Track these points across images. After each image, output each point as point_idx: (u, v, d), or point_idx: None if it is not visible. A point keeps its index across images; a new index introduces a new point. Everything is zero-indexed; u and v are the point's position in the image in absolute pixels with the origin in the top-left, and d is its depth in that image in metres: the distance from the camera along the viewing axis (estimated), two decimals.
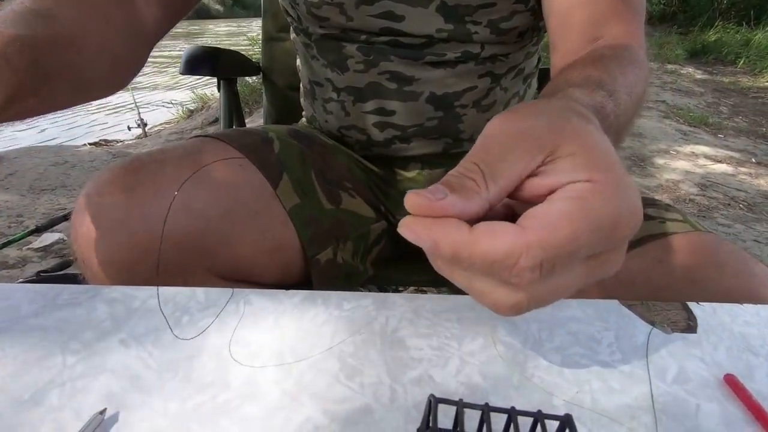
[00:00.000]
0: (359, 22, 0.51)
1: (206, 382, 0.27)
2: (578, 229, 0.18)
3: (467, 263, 0.19)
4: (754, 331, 0.31)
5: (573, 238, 0.18)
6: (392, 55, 0.52)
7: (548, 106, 0.22)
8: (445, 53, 0.52)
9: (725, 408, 0.26)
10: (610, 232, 0.18)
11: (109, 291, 0.34)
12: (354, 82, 0.55)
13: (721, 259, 0.41)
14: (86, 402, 0.26)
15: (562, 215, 0.18)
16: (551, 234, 0.18)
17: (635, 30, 0.46)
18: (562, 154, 0.19)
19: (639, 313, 0.33)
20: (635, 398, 0.26)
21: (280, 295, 0.34)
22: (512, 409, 0.20)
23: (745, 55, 4.34)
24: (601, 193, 0.18)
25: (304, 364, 0.28)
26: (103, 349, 0.29)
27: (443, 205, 0.18)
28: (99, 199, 0.41)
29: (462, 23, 0.50)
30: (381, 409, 0.26)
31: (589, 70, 0.35)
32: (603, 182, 0.18)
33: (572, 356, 0.29)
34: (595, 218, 0.18)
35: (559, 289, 0.19)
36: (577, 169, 0.19)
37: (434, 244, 0.19)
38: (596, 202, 0.18)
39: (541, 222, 0.18)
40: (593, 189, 0.18)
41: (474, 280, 0.20)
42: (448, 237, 0.18)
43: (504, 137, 0.20)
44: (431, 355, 0.29)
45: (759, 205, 1.86)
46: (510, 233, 0.18)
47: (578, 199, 0.18)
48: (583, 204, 0.18)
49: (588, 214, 0.18)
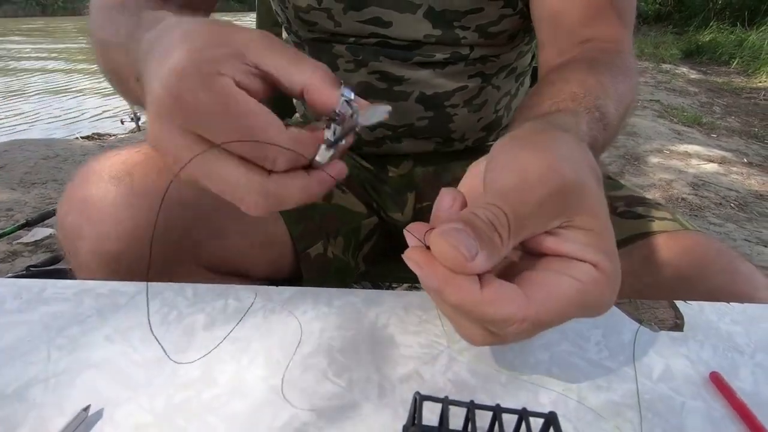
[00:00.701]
0: (347, 27, 0.51)
1: (193, 378, 0.27)
2: (570, 313, 0.21)
3: (464, 312, 0.21)
4: (740, 330, 0.32)
5: (562, 318, 0.21)
6: (381, 56, 0.52)
7: (571, 154, 0.24)
8: (434, 54, 0.52)
9: (710, 406, 0.26)
10: (587, 315, 0.22)
11: (96, 286, 0.34)
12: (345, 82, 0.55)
13: (709, 258, 0.41)
14: (70, 398, 0.25)
15: (563, 297, 0.21)
16: (548, 312, 0.20)
17: (624, 34, 0.46)
18: (579, 224, 0.21)
19: (626, 311, 0.33)
20: (621, 396, 0.27)
21: (269, 291, 0.34)
22: (497, 406, 0.20)
23: (739, 56, 4.37)
24: (600, 285, 0.21)
25: (292, 361, 0.28)
26: (89, 345, 0.29)
27: (473, 267, 0.20)
28: (85, 189, 0.40)
29: (450, 28, 0.50)
30: (369, 405, 0.26)
31: (586, 82, 0.36)
32: (605, 273, 0.21)
33: (560, 354, 0.29)
34: (585, 307, 0.21)
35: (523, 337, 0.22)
36: (589, 247, 0.21)
37: (440, 290, 0.20)
38: (593, 293, 0.21)
39: (546, 299, 0.20)
40: (596, 280, 0.21)
41: (461, 318, 0.23)
42: (458, 291, 0.20)
43: (538, 191, 0.21)
44: (420, 352, 0.29)
45: (750, 204, 1.87)
46: (515, 304, 0.20)
47: (581, 284, 0.21)
48: (583, 293, 0.21)
49: (582, 303, 0.21)
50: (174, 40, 0.24)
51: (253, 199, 0.24)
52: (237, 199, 0.24)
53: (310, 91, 0.25)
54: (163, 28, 0.27)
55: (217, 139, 0.23)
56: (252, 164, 0.24)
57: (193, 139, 0.24)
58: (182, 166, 0.24)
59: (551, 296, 0.20)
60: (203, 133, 0.23)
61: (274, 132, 0.24)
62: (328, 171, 0.26)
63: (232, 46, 0.24)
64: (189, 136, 0.24)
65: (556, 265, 0.21)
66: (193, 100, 0.23)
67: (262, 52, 0.25)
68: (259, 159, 0.24)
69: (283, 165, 0.24)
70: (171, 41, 0.25)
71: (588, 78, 0.37)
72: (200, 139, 0.23)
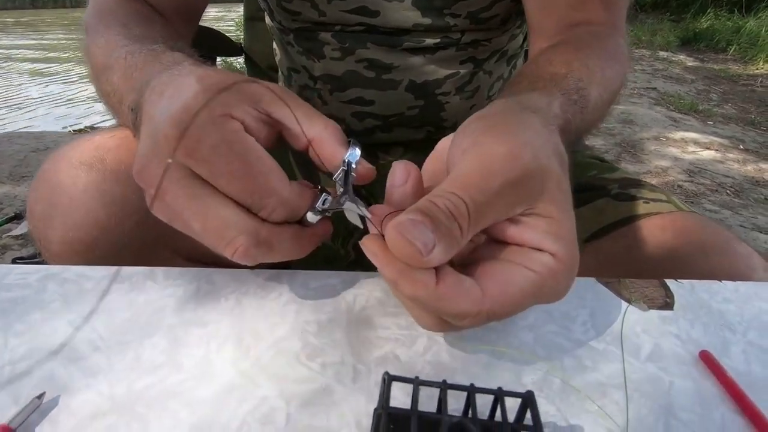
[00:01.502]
0: (332, 16, 0.49)
1: (157, 364, 0.25)
2: (525, 304, 0.21)
3: (420, 303, 0.21)
4: (732, 308, 0.30)
5: (516, 309, 0.21)
6: (369, 42, 0.50)
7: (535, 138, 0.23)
8: (424, 40, 0.50)
9: (699, 385, 0.25)
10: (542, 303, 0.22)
11: (61, 271, 0.32)
12: (330, 70, 0.53)
13: (705, 239, 0.40)
14: (26, 386, 0.24)
15: (518, 290, 0.20)
16: (503, 305, 0.20)
17: (616, 18, 0.45)
18: (540, 212, 0.21)
19: (615, 290, 0.32)
20: (607, 376, 0.25)
21: (244, 274, 0.33)
22: (471, 386, 0.19)
23: (737, 43, 4.34)
24: (556, 276, 0.21)
25: (263, 345, 0.27)
26: (50, 331, 0.27)
27: (429, 261, 0.19)
28: (55, 176, 0.38)
29: (440, 16, 0.48)
30: (342, 389, 0.24)
31: (570, 64, 0.36)
32: (562, 262, 0.21)
33: (545, 334, 0.28)
34: (541, 297, 0.21)
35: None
36: (548, 236, 0.21)
37: (395, 282, 0.20)
38: (549, 284, 0.21)
39: (501, 294, 0.20)
40: (552, 271, 0.21)
41: (416, 308, 0.23)
42: (412, 284, 0.20)
43: (499, 179, 0.21)
44: (398, 334, 0.28)
45: (746, 191, 1.87)
46: (470, 299, 0.20)
47: (537, 276, 0.21)
48: (539, 285, 0.21)
49: (537, 294, 0.21)
50: (189, 81, 0.24)
51: (244, 241, 0.23)
52: (226, 239, 0.23)
53: (318, 144, 0.26)
54: (178, 72, 0.27)
55: (216, 178, 0.23)
56: (247, 209, 0.24)
57: (187, 174, 0.23)
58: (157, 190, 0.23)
59: (507, 291, 0.20)
60: (203, 171, 0.23)
61: (277, 181, 0.24)
62: (318, 228, 0.27)
63: (247, 93, 0.25)
64: (182, 170, 0.23)
65: (515, 256, 0.21)
66: (200, 136, 0.22)
67: (276, 101, 0.25)
68: (257, 206, 0.24)
69: (280, 216, 0.24)
70: (186, 82, 0.25)
71: (573, 60, 0.36)
72: (193, 175, 0.23)
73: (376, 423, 0.18)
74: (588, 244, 0.44)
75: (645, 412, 0.24)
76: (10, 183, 1.87)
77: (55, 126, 2.89)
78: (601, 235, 0.44)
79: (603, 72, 0.37)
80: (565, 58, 0.36)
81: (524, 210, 0.21)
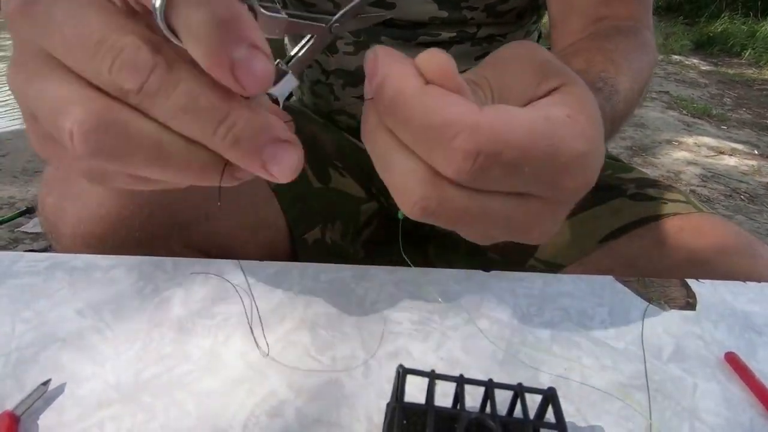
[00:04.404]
0: None
1: (164, 354, 0.25)
2: (535, 141, 0.15)
3: (401, 118, 0.16)
4: (757, 309, 0.29)
5: (525, 146, 0.15)
6: (384, 36, 0.50)
7: None
8: (440, 33, 0.49)
9: (725, 387, 0.24)
10: (561, 171, 0.16)
11: (70, 259, 0.32)
12: (343, 65, 0.53)
13: (725, 240, 0.39)
14: (32, 373, 0.24)
15: (526, 119, 0.15)
16: (505, 127, 0.15)
17: (642, 11, 0.44)
18: (561, 90, 0.17)
19: (635, 289, 0.31)
20: (628, 376, 0.24)
21: (254, 266, 0.32)
22: (489, 381, 0.18)
23: (751, 47, 4.27)
24: (574, 128, 0.16)
25: (272, 337, 0.26)
26: (57, 319, 0.27)
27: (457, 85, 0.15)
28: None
29: (457, 9, 0.48)
30: (352, 384, 0.24)
31: (594, 58, 0.33)
32: (582, 123, 0.16)
33: (562, 332, 0.27)
34: (556, 143, 0.15)
35: (476, 212, 0.16)
36: (561, 103, 0.17)
37: (382, 79, 0.16)
38: (565, 132, 0.16)
39: (502, 113, 0.15)
40: (566, 122, 0.16)
41: (395, 149, 0.17)
42: (400, 78, 0.16)
43: (518, 62, 0.18)
44: (411, 329, 0.27)
45: (760, 196, 1.83)
46: (463, 104, 0.15)
47: (548, 119, 0.16)
48: (551, 125, 0.16)
49: (551, 136, 0.15)
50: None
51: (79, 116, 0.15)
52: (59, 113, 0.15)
53: None
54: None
55: None
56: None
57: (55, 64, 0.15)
58: None
59: (510, 114, 0.16)
60: None
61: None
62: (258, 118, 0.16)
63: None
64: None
65: None
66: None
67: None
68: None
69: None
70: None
71: (595, 56, 0.35)
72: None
73: (390, 417, 0.17)
74: (604, 244, 0.43)
75: (669, 414, 0.23)
76: (23, 177, 1.89)
77: None
78: (618, 235, 0.43)
79: (630, 64, 0.36)
80: (587, 56, 0.35)
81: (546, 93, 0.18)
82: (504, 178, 0.16)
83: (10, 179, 1.86)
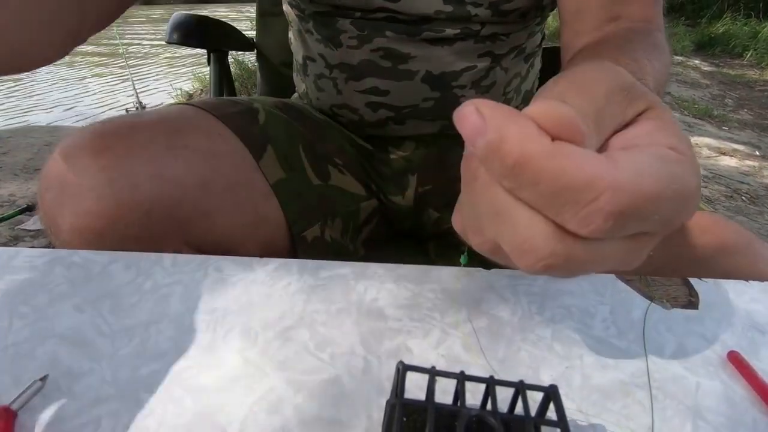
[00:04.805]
0: (353, 1, 0.49)
1: (162, 350, 0.25)
2: (664, 188, 0.15)
3: (528, 180, 0.15)
4: (760, 308, 0.29)
5: (658, 196, 0.15)
6: (388, 31, 0.49)
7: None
8: (444, 29, 0.49)
9: (728, 386, 0.24)
10: (681, 209, 0.16)
11: (69, 255, 0.32)
12: (347, 59, 0.52)
13: (726, 239, 0.39)
14: (28, 368, 0.23)
15: (654, 168, 0.15)
16: (641, 180, 0.14)
17: (654, 11, 0.43)
18: (649, 116, 0.17)
19: (637, 287, 0.30)
20: (630, 374, 0.24)
21: (253, 262, 0.32)
22: (491, 378, 0.18)
23: (753, 48, 4.27)
24: (684, 164, 0.16)
25: (271, 333, 0.26)
26: (55, 314, 0.27)
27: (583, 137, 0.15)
28: (65, 163, 0.38)
29: (462, 5, 0.47)
30: (351, 381, 0.24)
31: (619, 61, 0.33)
32: (686, 155, 0.16)
33: (564, 330, 0.27)
34: (678, 185, 0.15)
35: (596, 260, 0.16)
36: (660, 133, 0.17)
37: (499, 137, 0.15)
38: (681, 170, 0.16)
39: (636, 164, 0.15)
40: (679, 158, 0.16)
41: (515, 207, 0.16)
42: (522, 138, 0.14)
43: (604, 87, 0.17)
44: (410, 326, 0.27)
45: (762, 197, 1.83)
46: (601, 162, 0.14)
47: (664, 160, 0.16)
48: (670, 167, 0.16)
49: (675, 178, 0.15)
50: None
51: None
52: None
53: None
54: None
55: None
56: None
57: None
58: None
59: (640, 164, 0.15)
60: None
61: None
62: None
63: None
64: None
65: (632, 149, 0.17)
66: None
67: None
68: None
69: None
70: None
71: (619, 56, 0.34)
72: None
73: (390, 414, 0.17)
74: None
75: (670, 413, 0.22)
76: (24, 175, 1.89)
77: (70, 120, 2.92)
78: None
79: (652, 65, 0.36)
80: (611, 54, 0.35)
81: (635, 116, 0.18)
82: (634, 228, 0.16)
83: (11, 177, 1.86)
